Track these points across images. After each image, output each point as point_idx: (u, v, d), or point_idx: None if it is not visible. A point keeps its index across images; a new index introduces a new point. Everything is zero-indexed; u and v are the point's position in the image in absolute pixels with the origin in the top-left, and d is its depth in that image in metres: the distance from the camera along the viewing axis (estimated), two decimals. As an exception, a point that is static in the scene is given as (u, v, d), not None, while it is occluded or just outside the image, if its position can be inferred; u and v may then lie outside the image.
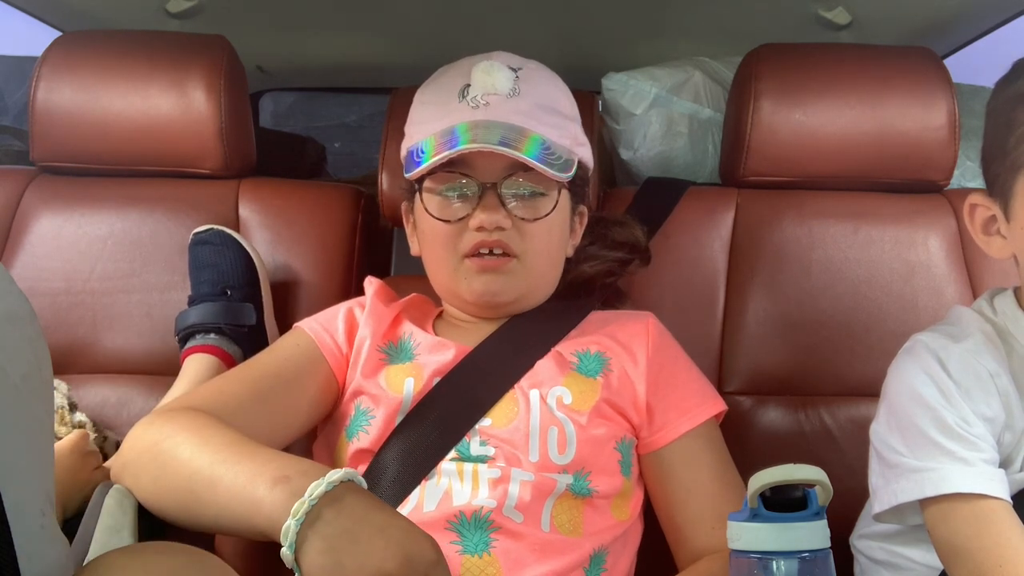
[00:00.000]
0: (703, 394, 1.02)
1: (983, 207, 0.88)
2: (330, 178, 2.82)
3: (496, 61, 1.00)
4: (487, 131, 0.94)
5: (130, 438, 0.88)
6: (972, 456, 0.81)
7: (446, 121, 0.97)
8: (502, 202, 0.96)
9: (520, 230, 0.98)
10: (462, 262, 0.98)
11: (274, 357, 1.01)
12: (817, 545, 0.63)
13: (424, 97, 1.04)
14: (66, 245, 1.31)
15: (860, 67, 1.32)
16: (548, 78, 1.04)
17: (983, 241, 0.89)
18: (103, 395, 1.25)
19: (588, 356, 1.00)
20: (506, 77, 0.98)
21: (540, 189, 0.98)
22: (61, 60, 1.33)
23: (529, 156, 0.93)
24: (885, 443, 0.87)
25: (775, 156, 1.30)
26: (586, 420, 0.95)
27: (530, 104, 0.98)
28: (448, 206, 0.98)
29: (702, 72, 1.59)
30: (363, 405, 0.98)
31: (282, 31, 1.97)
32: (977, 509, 0.80)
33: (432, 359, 0.99)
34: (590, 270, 1.11)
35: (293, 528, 0.69)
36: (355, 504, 0.70)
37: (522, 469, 0.91)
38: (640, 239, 1.18)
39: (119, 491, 0.84)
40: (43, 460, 0.55)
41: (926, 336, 0.90)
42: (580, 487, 0.92)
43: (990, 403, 0.84)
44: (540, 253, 1.00)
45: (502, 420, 0.95)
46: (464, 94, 0.98)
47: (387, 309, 1.05)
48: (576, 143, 1.02)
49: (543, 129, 0.97)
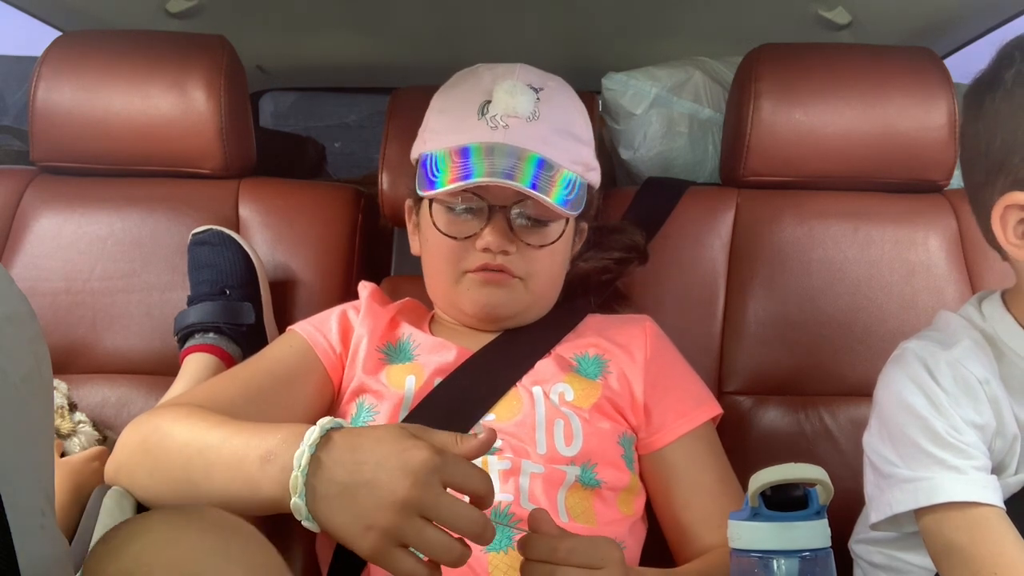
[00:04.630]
0: (700, 397, 1.03)
1: (1017, 208, 0.81)
2: (330, 178, 2.82)
3: (519, 82, 0.99)
4: (504, 158, 0.94)
5: (121, 439, 0.88)
6: (964, 464, 0.81)
7: (464, 138, 0.97)
8: (511, 226, 0.97)
9: (524, 255, 0.98)
10: (464, 275, 0.99)
11: (267, 359, 1.01)
12: (818, 544, 0.63)
13: (442, 105, 1.03)
14: (66, 245, 1.31)
15: (860, 67, 1.32)
16: (567, 99, 1.03)
17: (1016, 246, 0.82)
18: (103, 395, 1.25)
19: (587, 359, 1.01)
20: (528, 100, 0.97)
21: (549, 217, 0.98)
22: (61, 60, 1.33)
23: (544, 196, 0.93)
24: (877, 453, 0.87)
25: (775, 156, 1.30)
26: (588, 415, 0.96)
27: (549, 129, 0.97)
28: (456, 222, 0.98)
29: (702, 72, 1.59)
30: (366, 403, 0.98)
31: (282, 31, 1.97)
32: (970, 517, 0.79)
33: (433, 359, 1.00)
34: (586, 266, 1.11)
35: (301, 504, 0.70)
36: (340, 458, 0.70)
37: (531, 461, 0.92)
38: (639, 242, 1.19)
39: (118, 491, 0.84)
40: (43, 460, 0.55)
41: (914, 344, 0.89)
42: (588, 478, 0.93)
43: (980, 410, 0.84)
44: (543, 276, 1.01)
45: (507, 415, 0.95)
46: (484, 111, 0.97)
47: (383, 310, 1.05)
48: (588, 168, 1.02)
49: (558, 156, 0.96)
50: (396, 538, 0.68)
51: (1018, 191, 0.81)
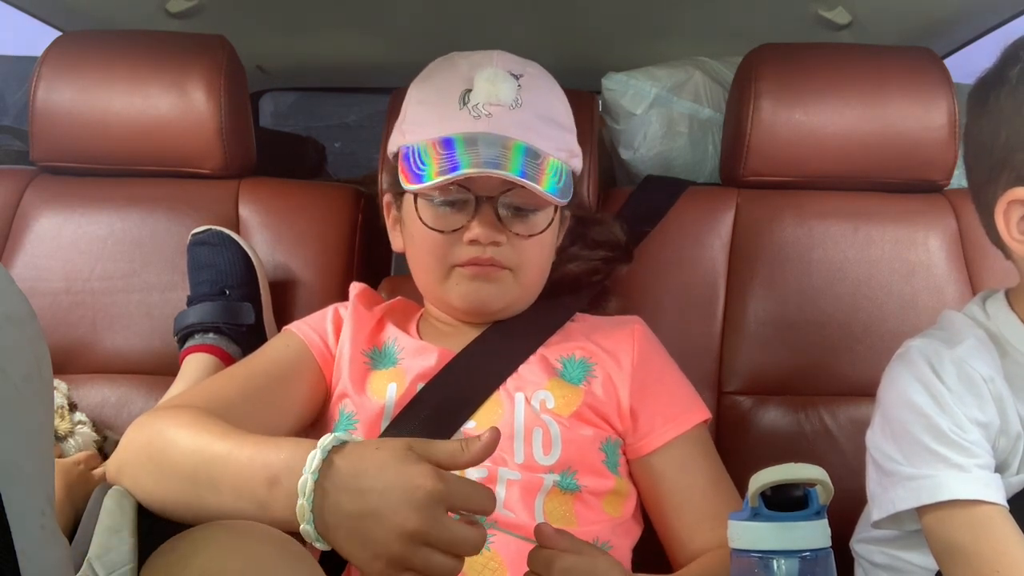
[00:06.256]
0: (688, 401, 1.02)
1: (1020, 204, 0.81)
2: (330, 178, 2.82)
3: (500, 69, 0.98)
4: (489, 147, 0.93)
5: (124, 439, 0.88)
6: (967, 462, 0.81)
7: (446, 128, 0.95)
8: (498, 217, 0.96)
9: (514, 245, 0.97)
10: (453, 270, 0.98)
11: (264, 358, 1.01)
12: (818, 544, 0.63)
13: (421, 96, 1.02)
14: (66, 245, 1.31)
15: (860, 67, 1.32)
16: (548, 85, 1.03)
17: (1019, 241, 0.82)
18: (103, 395, 1.25)
19: (573, 362, 1.00)
20: (510, 87, 0.96)
21: (537, 208, 0.98)
22: (61, 60, 1.33)
23: (533, 184, 0.92)
24: (881, 451, 0.87)
25: (775, 156, 1.30)
26: (569, 423, 0.95)
27: (532, 116, 0.97)
28: (442, 216, 0.97)
29: (702, 72, 1.59)
30: (347, 409, 0.98)
31: (282, 31, 1.97)
32: (973, 515, 0.79)
33: (415, 363, 0.99)
34: (576, 269, 1.10)
35: (310, 529, 0.70)
36: (344, 484, 0.70)
37: (508, 468, 0.91)
38: (619, 237, 1.17)
39: (118, 491, 0.84)
40: (43, 460, 0.55)
41: (919, 342, 0.89)
42: (568, 483, 0.92)
43: (984, 408, 0.84)
44: (532, 267, 1.00)
45: (487, 422, 0.94)
46: (465, 100, 0.96)
47: (370, 313, 1.05)
48: (572, 155, 1.01)
49: (542, 143, 0.96)
50: (403, 565, 0.69)
51: (1021, 187, 0.81)
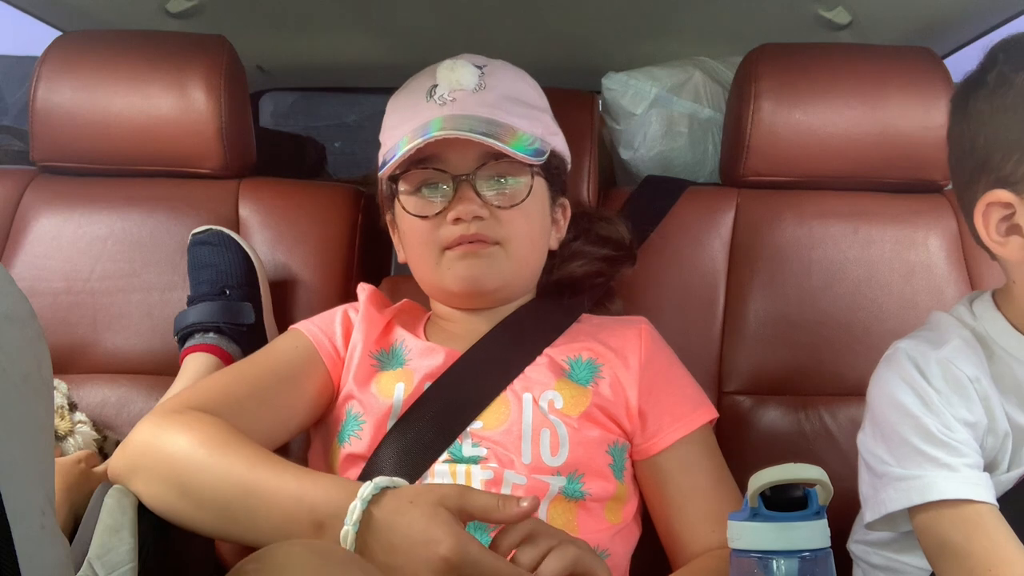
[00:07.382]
0: (696, 401, 1.02)
1: (999, 206, 0.83)
2: (330, 178, 2.82)
3: (460, 59, 1.02)
4: (456, 123, 0.96)
5: (136, 440, 0.87)
6: (956, 462, 0.82)
7: (416, 120, 0.98)
8: (477, 192, 0.97)
9: (497, 218, 0.98)
10: (443, 254, 0.99)
11: (272, 357, 1.01)
12: (817, 544, 0.63)
13: (394, 104, 1.06)
14: (66, 245, 1.31)
15: (860, 67, 1.32)
16: (513, 73, 1.05)
17: (998, 243, 0.84)
18: (103, 395, 1.25)
19: (580, 363, 1.00)
20: (471, 73, 1.00)
21: (514, 176, 0.99)
22: (61, 60, 1.33)
23: (499, 143, 0.95)
24: (871, 452, 0.87)
25: (775, 156, 1.30)
26: (577, 424, 0.95)
27: (497, 96, 0.99)
28: (424, 203, 0.99)
29: (702, 72, 1.59)
30: (354, 410, 0.98)
31: (282, 31, 1.97)
32: (964, 514, 0.80)
33: (423, 364, 0.99)
34: (579, 270, 1.10)
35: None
36: (379, 536, 0.75)
37: (515, 471, 0.91)
38: (624, 235, 1.17)
39: (119, 491, 0.84)
40: (43, 460, 0.55)
41: (905, 343, 0.90)
42: (573, 490, 0.93)
43: (971, 408, 0.84)
44: (521, 238, 1.01)
45: (494, 422, 0.94)
46: (431, 93, 1.00)
47: (380, 315, 1.05)
48: (548, 132, 1.04)
49: (512, 119, 0.98)
50: None
51: (999, 188, 0.83)
